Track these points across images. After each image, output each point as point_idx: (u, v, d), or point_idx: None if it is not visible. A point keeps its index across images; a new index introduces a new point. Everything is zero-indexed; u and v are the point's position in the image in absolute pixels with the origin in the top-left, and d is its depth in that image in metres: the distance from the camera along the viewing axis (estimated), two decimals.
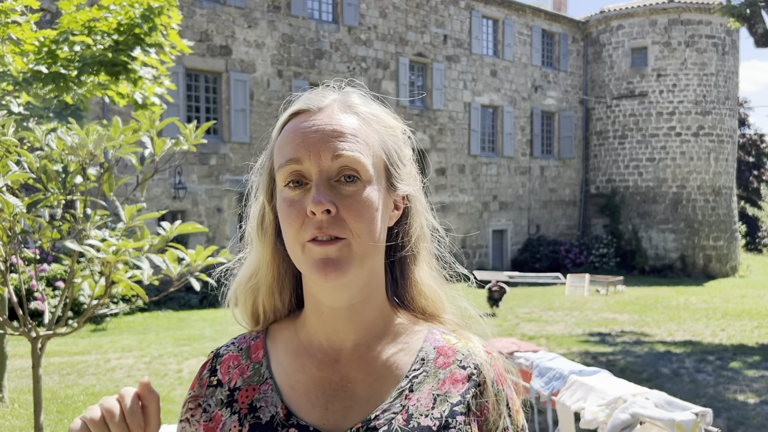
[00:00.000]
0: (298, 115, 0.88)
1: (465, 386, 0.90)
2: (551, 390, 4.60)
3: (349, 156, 0.83)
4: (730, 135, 22.70)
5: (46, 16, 12.48)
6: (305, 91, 0.93)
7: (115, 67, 3.84)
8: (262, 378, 0.92)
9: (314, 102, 0.88)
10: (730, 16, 12.44)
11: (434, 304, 0.97)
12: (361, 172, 0.84)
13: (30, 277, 10.20)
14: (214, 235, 15.04)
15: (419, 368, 0.91)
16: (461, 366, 0.92)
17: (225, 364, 0.95)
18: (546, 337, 10.29)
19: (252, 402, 0.90)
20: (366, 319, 0.90)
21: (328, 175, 0.83)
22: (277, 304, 0.97)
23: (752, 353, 9.27)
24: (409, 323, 0.95)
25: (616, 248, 22.25)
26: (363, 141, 0.86)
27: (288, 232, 0.84)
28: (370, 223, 0.84)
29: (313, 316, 0.91)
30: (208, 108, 15.37)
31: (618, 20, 22.65)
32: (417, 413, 0.87)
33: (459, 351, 0.93)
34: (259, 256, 0.94)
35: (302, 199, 0.83)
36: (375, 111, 0.91)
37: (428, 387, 0.89)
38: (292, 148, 0.85)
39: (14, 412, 6.18)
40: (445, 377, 0.91)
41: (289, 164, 0.84)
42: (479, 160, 20.73)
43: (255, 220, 0.94)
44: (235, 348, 0.97)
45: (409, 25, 18.96)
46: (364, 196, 0.83)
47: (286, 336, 0.95)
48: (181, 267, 2.93)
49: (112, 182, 2.99)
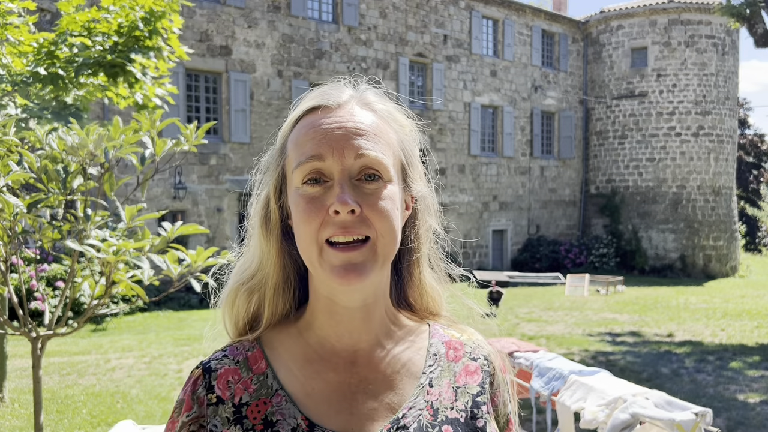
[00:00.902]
0: (315, 111, 0.85)
1: (480, 377, 0.93)
2: (551, 390, 4.60)
3: (373, 156, 0.81)
4: (730, 135, 22.70)
5: (46, 16, 12.48)
6: (311, 89, 0.90)
7: (113, 69, 3.84)
8: (272, 390, 0.87)
9: (332, 98, 0.86)
10: (730, 16, 12.44)
11: (435, 302, 0.97)
12: (382, 171, 0.82)
13: (30, 277, 10.20)
14: (214, 235, 15.04)
15: (433, 364, 0.92)
16: (472, 358, 0.94)
17: (222, 379, 0.88)
18: (546, 337, 10.29)
19: (266, 416, 0.84)
20: (377, 318, 0.89)
21: (350, 174, 0.81)
22: (285, 305, 0.93)
23: (752, 353, 9.27)
24: (410, 320, 0.96)
25: (616, 248, 22.24)
26: (384, 140, 0.85)
27: (305, 230, 0.81)
28: (394, 223, 0.82)
29: (323, 317, 0.88)
30: (208, 108, 15.37)
31: (618, 20, 22.65)
32: (442, 407, 0.88)
33: (466, 344, 0.96)
34: (262, 256, 0.90)
35: (322, 196, 0.81)
36: (390, 109, 0.90)
37: (446, 381, 0.90)
38: (313, 144, 0.82)
39: (14, 412, 6.18)
40: (460, 370, 0.92)
41: (311, 161, 0.81)
42: (479, 160, 20.73)
43: (258, 218, 0.90)
44: (230, 361, 0.89)
45: (409, 25, 18.96)
46: (386, 195, 0.82)
47: (289, 342, 0.91)
48: (181, 267, 2.93)
49: (113, 182, 2.99)
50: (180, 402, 0.89)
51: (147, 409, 6.33)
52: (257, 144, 15.78)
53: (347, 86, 0.90)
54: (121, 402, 6.55)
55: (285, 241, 0.90)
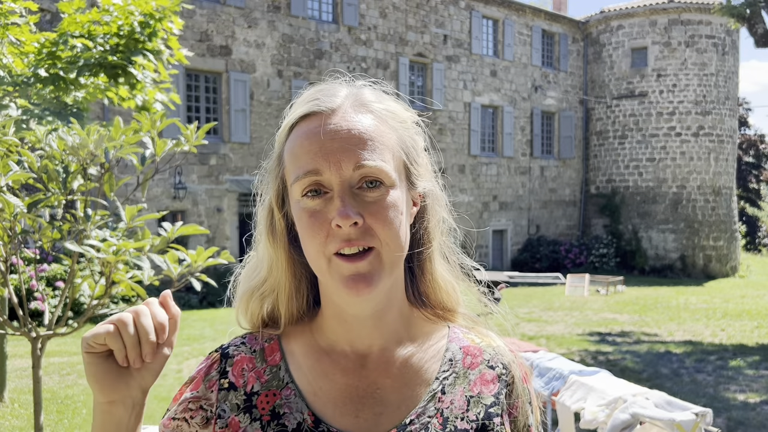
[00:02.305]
0: (308, 118, 0.82)
1: (496, 387, 0.89)
2: (551, 390, 4.60)
3: (372, 165, 0.78)
4: (730, 135, 22.70)
5: (46, 16, 12.47)
6: (308, 87, 0.86)
7: (114, 70, 3.84)
8: (283, 383, 0.87)
9: (325, 103, 0.82)
10: (730, 16, 12.44)
11: (451, 297, 0.94)
12: (384, 178, 0.79)
13: (30, 277, 10.20)
14: (214, 235, 15.05)
15: (448, 370, 0.89)
16: (490, 366, 0.91)
17: (237, 366, 0.88)
18: (546, 337, 10.29)
19: (274, 408, 0.85)
20: (389, 322, 0.87)
21: (350, 184, 0.79)
22: (299, 309, 0.92)
23: (752, 353, 9.27)
24: (429, 322, 0.93)
25: (616, 248, 22.24)
26: (383, 144, 0.81)
27: (311, 244, 0.80)
28: (398, 229, 0.80)
29: (333, 322, 0.87)
30: (208, 108, 15.37)
31: (618, 20, 22.65)
32: (452, 416, 0.85)
33: (485, 351, 0.92)
34: (271, 263, 0.89)
35: (324, 209, 0.79)
36: (389, 106, 0.86)
37: (460, 389, 0.88)
38: (309, 158, 0.79)
39: (14, 412, 6.18)
40: (476, 378, 0.89)
41: (308, 176, 0.79)
42: (479, 160, 20.73)
43: (264, 226, 0.88)
44: (247, 349, 0.90)
45: (409, 25, 18.96)
46: (388, 202, 0.80)
47: (302, 340, 0.90)
48: (181, 267, 2.93)
49: (113, 182, 2.99)
50: (191, 378, 0.91)
51: (147, 409, 6.32)
52: (257, 144, 15.78)
53: (342, 85, 0.86)
54: None
55: (293, 247, 0.88)
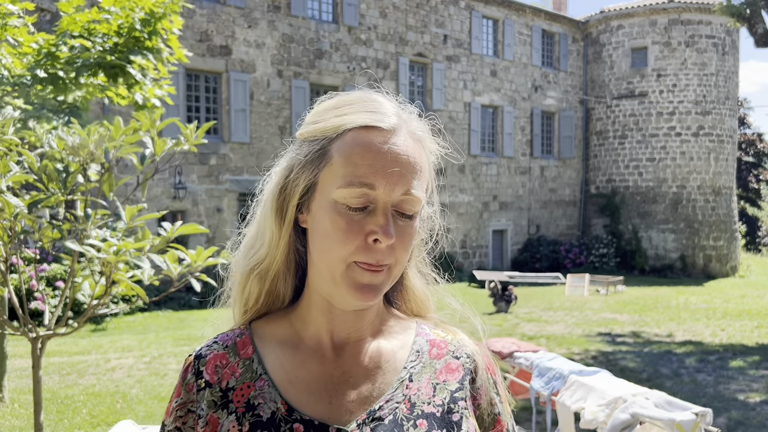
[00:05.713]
0: (369, 129, 0.84)
1: (461, 374, 0.94)
2: (551, 390, 4.60)
3: (417, 196, 0.84)
4: (730, 135, 22.70)
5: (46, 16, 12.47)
6: (358, 90, 0.89)
7: (112, 69, 3.84)
8: (256, 374, 0.90)
9: (385, 120, 0.84)
10: (730, 16, 12.44)
11: (423, 305, 1.00)
12: (418, 209, 0.86)
13: (30, 277, 10.20)
14: (214, 235, 15.04)
15: (415, 359, 0.94)
16: (455, 356, 0.96)
17: (211, 364, 0.92)
18: (546, 337, 10.29)
19: (249, 400, 0.88)
20: (368, 317, 0.93)
21: (392, 204, 0.83)
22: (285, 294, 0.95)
23: (752, 353, 9.27)
24: (399, 319, 0.99)
25: (616, 248, 22.24)
26: (424, 176, 0.87)
27: (338, 248, 0.82)
28: (409, 252, 0.87)
29: (318, 314, 0.91)
30: (208, 108, 15.37)
31: (618, 20, 22.65)
32: (419, 401, 0.90)
33: (450, 343, 0.97)
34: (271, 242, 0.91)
35: (362, 220, 0.82)
36: (426, 136, 0.90)
37: (426, 377, 0.92)
38: (368, 171, 0.82)
39: (14, 412, 6.18)
40: (441, 367, 0.94)
41: (362, 187, 0.81)
42: (479, 160, 20.73)
43: (272, 206, 0.90)
44: (219, 346, 0.94)
45: (409, 25, 18.96)
46: (414, 228, 0.86)
47: (279, 331, 0.94)
48: (181, 267, 2.93)
49: (113, 182, 2.99)
50: (175, 388, 0.95)
51: (147, 409, 6.33)
52: (257, 144, 15.78)
53: (385, 98, 0.89)
54: (121, 402, 6.55)
55: (296, 233, 0.91)
